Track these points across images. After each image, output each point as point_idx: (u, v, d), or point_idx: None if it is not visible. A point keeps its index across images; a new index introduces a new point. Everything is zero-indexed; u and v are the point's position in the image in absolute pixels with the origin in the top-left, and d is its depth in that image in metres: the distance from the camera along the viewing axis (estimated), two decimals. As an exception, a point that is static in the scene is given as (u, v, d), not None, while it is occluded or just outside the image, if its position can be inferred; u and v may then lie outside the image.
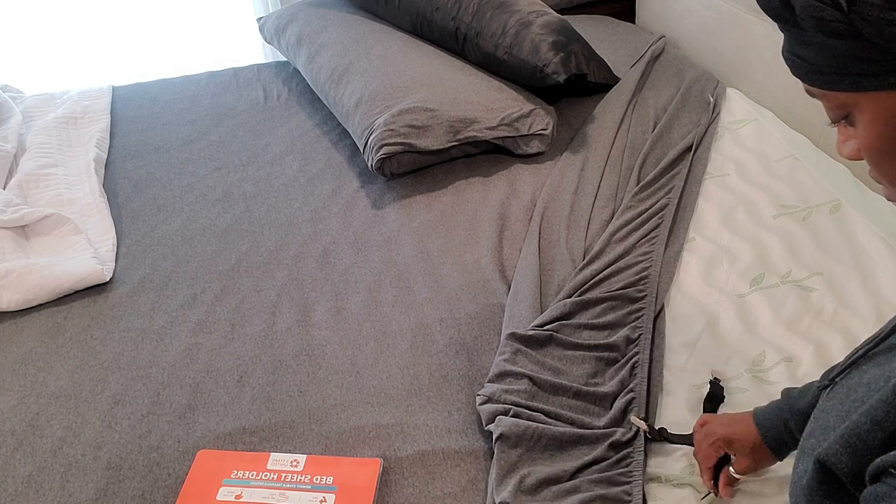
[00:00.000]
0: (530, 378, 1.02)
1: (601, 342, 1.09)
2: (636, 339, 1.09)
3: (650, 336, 1.10)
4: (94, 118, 1.76)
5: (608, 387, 1.03)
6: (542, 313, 1.14)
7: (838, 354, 1.04)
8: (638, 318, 1.13)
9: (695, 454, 0.90)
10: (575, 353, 1.08)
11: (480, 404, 0.99)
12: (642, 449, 0.94)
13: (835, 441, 0.53)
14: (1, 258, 1.29)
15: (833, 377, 0.61)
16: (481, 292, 1.21)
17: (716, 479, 0.88)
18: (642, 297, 1.16)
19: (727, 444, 0.86)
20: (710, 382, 1.02)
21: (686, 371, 1.07)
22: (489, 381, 1.03)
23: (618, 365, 1.06)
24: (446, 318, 1.17)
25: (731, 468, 0.86)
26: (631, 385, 1.02)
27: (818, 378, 0.81)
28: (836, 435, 0.53)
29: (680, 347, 1.11)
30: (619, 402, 1.00)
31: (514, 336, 1.08)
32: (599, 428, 0.97)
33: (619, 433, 0.96)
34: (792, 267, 1.20)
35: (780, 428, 0.82)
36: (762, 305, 1.14)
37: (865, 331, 1.07)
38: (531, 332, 1.09)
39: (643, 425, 0.95)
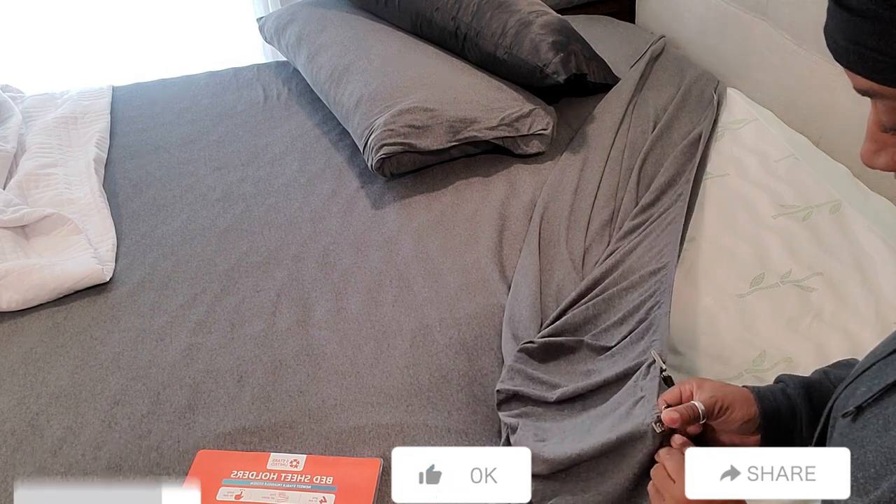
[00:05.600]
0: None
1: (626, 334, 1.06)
2: (654, 294, 1.08)
3: (672, 279, 1.09)
4: (93, 118, 1.76)
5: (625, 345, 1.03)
6: (541, 313, 1.14)
7: (838, 354, 1.04)
8: (657, 279, 1.12)
9: None
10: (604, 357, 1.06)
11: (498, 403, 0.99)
12: (657, 380, 0.88)
13: (889, 490, 0.48)
14: (1, 258, 1.29)
15: (860, 405, 0.56)
16: (481, 292, 1.21)
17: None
18: (662, 268, 1.15)
19: (699, 383, 0.78)
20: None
21: (686, 371, 1.07)
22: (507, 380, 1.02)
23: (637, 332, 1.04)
24: (446, 318, 1.17)
25: (694, 399, 0.77)
26: (651, 333, 1.01)
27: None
28: (891, 484, 0.49)
29: (680, 347, 1.11)
30: (641, 344, 0.99)
31: (524, 351, 1.06)
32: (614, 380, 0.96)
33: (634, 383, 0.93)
34: (792, 267, 1.20)
35: (775, 389, 0.78)
36: (762, 305, 1.14)
37: (865, 331, 1.07)
38: (557, 340, 1.07)
39: (661, 362, 0.89)
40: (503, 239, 1.32)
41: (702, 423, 0.77)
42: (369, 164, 1.44)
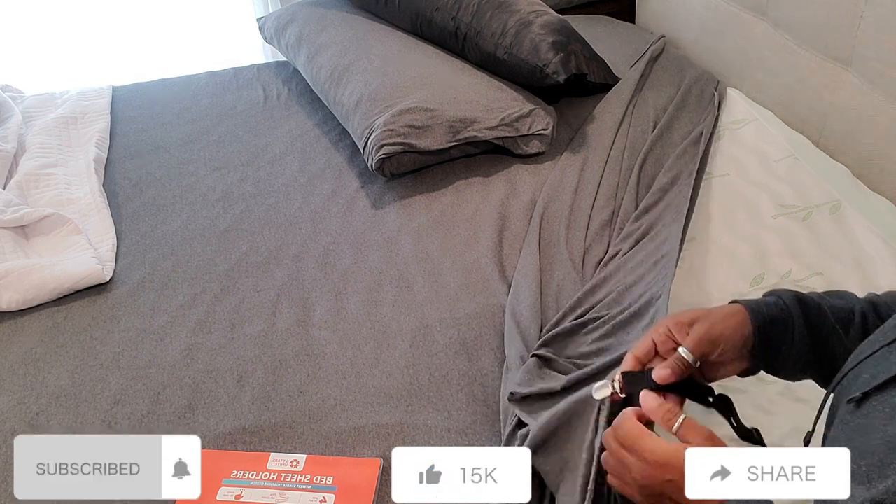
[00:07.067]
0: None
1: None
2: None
3: (675, 261, 1.09)
4: (93, 118, 1.76)
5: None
6: (542, 313, 1.14)
7: (838, 354, 1.04)
8: (661, 265, 1.12)
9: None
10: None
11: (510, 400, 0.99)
12: None
13: None
14: (1, 258, 1.29)
15: (866, 392, 0.54)
16: (481, 292, 1.21)
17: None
18: (664, 256, 1.15)
19: (675, 323, 0.71)
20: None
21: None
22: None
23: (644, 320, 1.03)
24: (446, 318, 1.17)
25: (680, 348, 0.69)
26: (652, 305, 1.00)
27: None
28: None
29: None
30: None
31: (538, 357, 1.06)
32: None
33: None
34: (792, 267, 1.20)
35: (769, 302, 0.72)
36: (762, 305, 1.14)
37: (865, 331, 1.07)
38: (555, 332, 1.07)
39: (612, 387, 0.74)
40: (503, 239, 1.32)
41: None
42: (369, 164, 1.44)
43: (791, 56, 1.49)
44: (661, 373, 0.69)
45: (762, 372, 0.76)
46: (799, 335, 0.72)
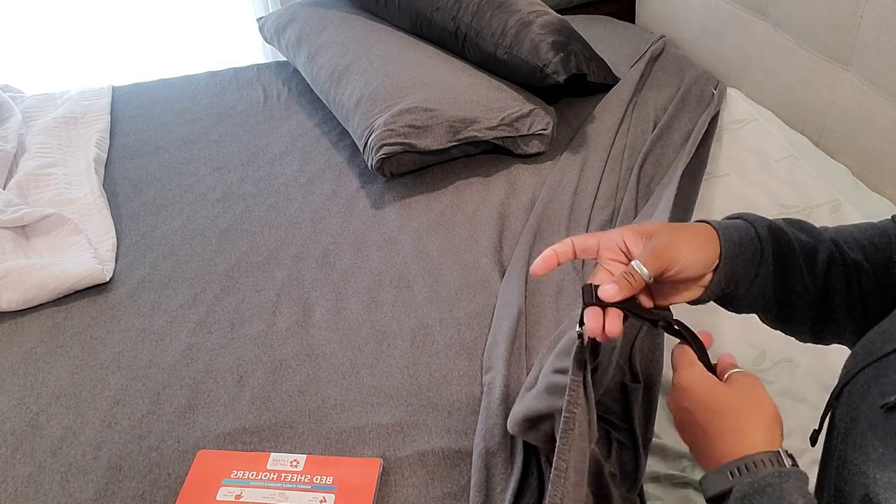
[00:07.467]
0: None
1: None
2: None
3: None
4: (93, 118, 1.76)
5: None
6: (526, 311, 1.13)
7: (838, 354, 1.03)
8: None
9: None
10: None
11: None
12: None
13: None
14: (1, 258, 1.29)
15: None
16: (481, 292, 1.21)
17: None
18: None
19: (629, 234, 0.63)
20: None
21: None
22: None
23: None
24: (446, 318, 1.17)
25: (633, 261, 0.61)
26: None
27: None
28: None
29: (680, 347, 1.10)
30: None
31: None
32: None
33: None
34: (792, 267, 1.19)
35: (739, 225, 0.64)
36: (762, 305, 1.14)
37: (865, 331, 1.07)
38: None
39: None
40: (503, 239, 1.32)
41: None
42: (369, 164, 1.44)
43: (791, 56, 1.49)
44: (608, 289, 0.59)
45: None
46: (765, 269, 0.65)
